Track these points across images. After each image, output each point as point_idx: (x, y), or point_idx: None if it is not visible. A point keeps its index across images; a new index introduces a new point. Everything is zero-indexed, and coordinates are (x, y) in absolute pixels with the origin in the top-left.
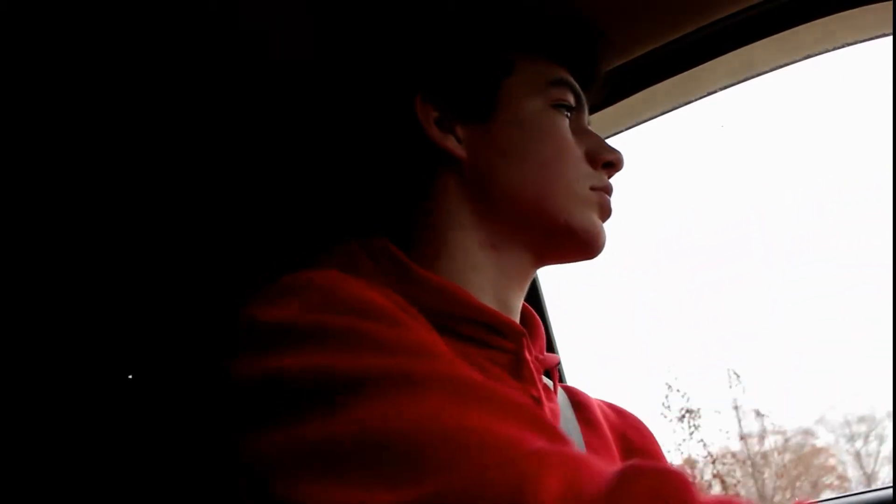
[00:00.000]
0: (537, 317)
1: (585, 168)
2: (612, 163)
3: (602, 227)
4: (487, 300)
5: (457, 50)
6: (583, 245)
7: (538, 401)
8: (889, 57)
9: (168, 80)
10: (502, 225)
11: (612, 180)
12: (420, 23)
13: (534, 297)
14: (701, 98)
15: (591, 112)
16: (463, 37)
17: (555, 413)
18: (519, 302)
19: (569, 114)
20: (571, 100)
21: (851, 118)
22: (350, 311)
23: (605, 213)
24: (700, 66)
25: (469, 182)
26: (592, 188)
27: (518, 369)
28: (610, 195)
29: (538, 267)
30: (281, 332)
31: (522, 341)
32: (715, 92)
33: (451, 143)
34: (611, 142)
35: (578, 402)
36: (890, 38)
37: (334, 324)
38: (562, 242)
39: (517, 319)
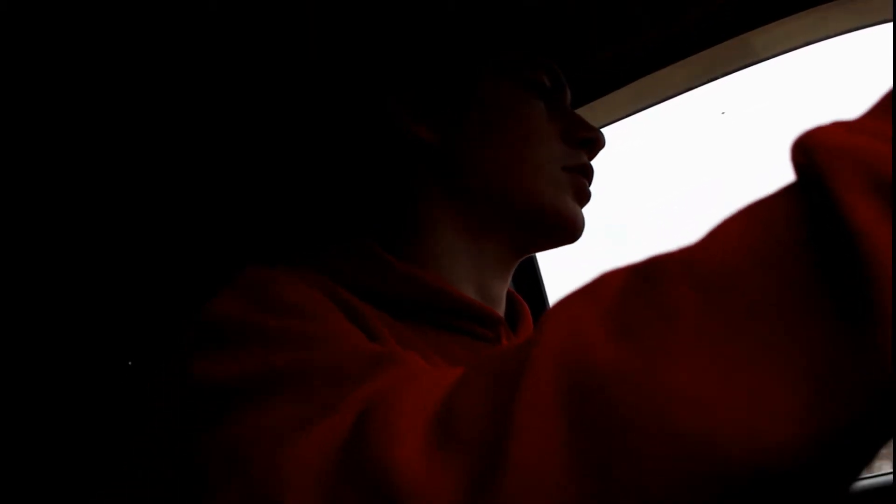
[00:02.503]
0: (524, 302)
1: (558, 148)
2: (589, 140)
3: (577, 209)
4: (469, 289)
5: (426, 42)
6: (557, 229)
7: None
8: (889, 44)
9: (159, 80)
10: (477, 212)
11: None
12: (390, 15)
13: (533, 283)
14: (701, 85)
15: (593, 99)
16: (433, 28)
17: None
18: (501, 291)
19: (545, 95)
20: (547, 80)
21: (850, 105)
22: (271, 309)
23: (581, 194)
24: (699, 54)
25: (443, 170)
26: (567, 169)
27: None
28: (588, 176)
29: (519, 255)
30: (214, 331)
31: (500, 329)
32: (715, 79)
33: (423, 131)
34: (614, 128)
35: None
36: (890, 25)
37: (255, 321)
38: (535, 227)
39: (500, 308)
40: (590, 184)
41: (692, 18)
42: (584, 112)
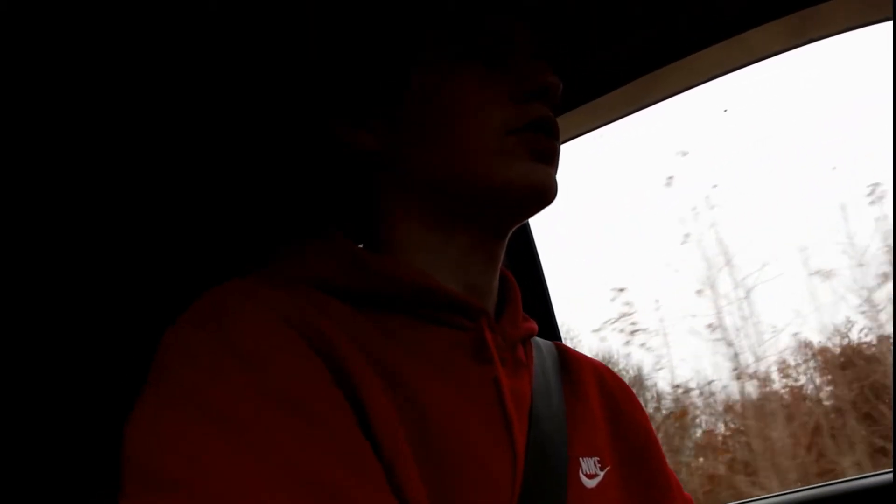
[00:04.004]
0: (515, 286)
1: (499, 113)
2: (537, 92)
3: (534, 170)
4: (452, 280)
5: (352, 50)
6: (519, 198)
7: (497, 382)
8: (889, 42)
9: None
10: (438, 204)
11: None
12: (311, 23)
13: (528, 259)
14: (703, 83)
15: (593, 98)
16: (356, 36)
17: (518, 394)
18: (489, 277)
19: (484, 57)
20: (484, 40)
21: (851, 102)
22: (222, 352)
23: (539, 151)
24: (701, 52)
25: (395, 171)
26: (513, 132)
27: (480, 350)
28: (544, 128)
29: (499, 236)
30: (156, 378)
31: (482, 321)
32: (717, 77)
33: (364, 140)
34: (609, 128)
35: (568, 365)
36: (890, 24)
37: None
38: (497, 203)
39: (491, 296)
40: (550, 135)
41: (694, 16)
42: (584, 110)
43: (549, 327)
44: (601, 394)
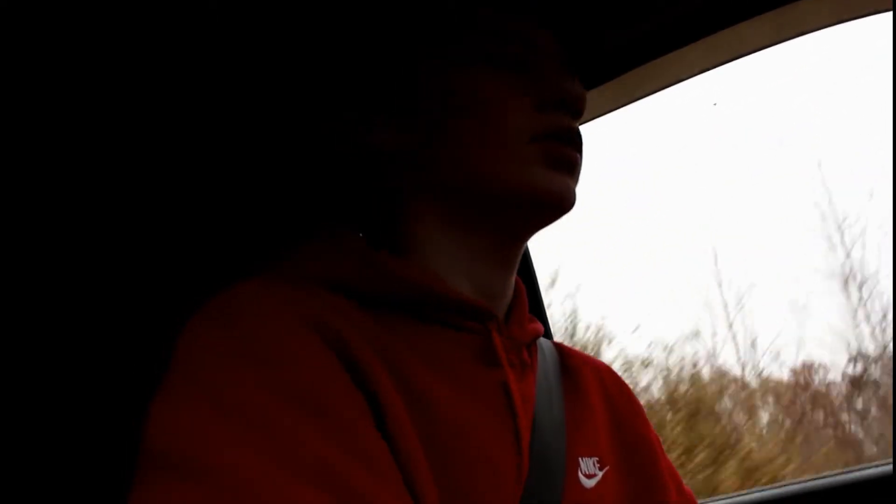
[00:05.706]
0: (522, 288)
1: (523, 120)
2: (562, 102)
3: (553, 179)
4: (463, 282)
5: (352, 41)
6: (537, 205)
7: (506, 386)
8: (889, 34)
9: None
10: (455, 204)
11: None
12: (328, 25)
13: (521, 260)
14: (693, 76)
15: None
16: (358, 26)
17: (526, 396)
18: (503, 282)
19: (511, 65)
20: (511, 48)
21: (848, 96)
22: (239, 354)
23: (559, 161)
24: (691, 45)
25: (413, 171)
26: (535, 139)
27: (488, 354)
28: (564, 137)
29: (514, 241)
30: (175, 375)
31: (491, 324)
32: (707, 70)
33: (382, 141)
34: (604, 120)
35: (568, 367)
36: (889, 14)
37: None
38: (513, 209)
39: (503, 299)
40: (571, 145)
41: (683, 9)
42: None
43: (543, 327)
44: (601, 394)
